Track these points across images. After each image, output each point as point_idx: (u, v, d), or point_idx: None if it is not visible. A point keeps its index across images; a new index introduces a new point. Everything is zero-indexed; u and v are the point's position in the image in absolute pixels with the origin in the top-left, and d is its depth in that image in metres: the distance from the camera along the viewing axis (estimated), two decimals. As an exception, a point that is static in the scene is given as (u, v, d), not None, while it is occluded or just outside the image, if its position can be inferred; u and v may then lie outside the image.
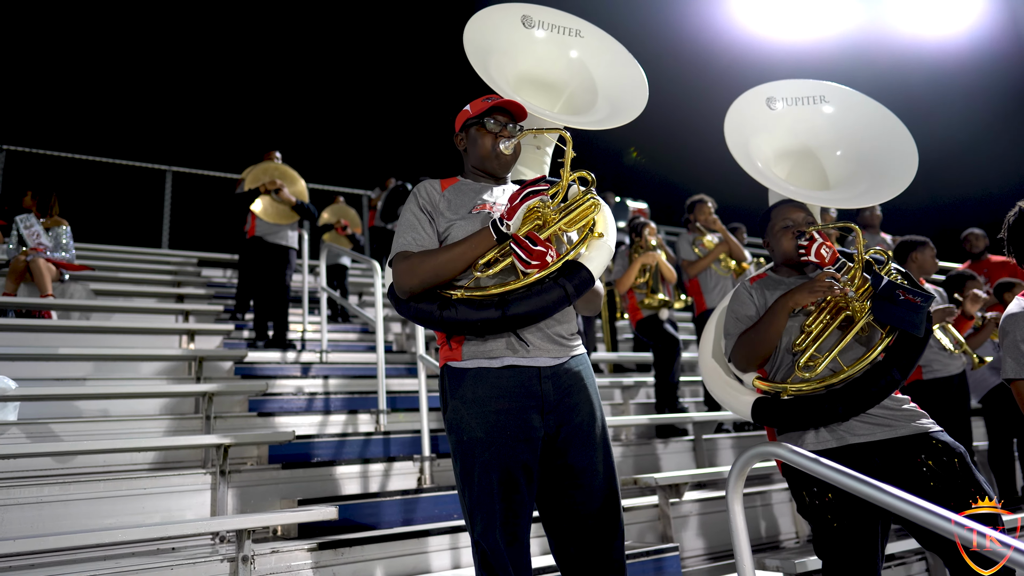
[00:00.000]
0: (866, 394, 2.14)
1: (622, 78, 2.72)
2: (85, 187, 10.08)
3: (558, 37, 2.73)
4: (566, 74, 2.74)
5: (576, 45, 2.75)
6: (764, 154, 2.73)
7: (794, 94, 2.84)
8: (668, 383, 5.26)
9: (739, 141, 2.68)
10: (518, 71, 2.68)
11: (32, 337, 4.72)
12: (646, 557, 3.14)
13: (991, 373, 4.70)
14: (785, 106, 2.81)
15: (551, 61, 2.72)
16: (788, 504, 4.13)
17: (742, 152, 2.64)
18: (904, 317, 2.15)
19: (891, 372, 2.15)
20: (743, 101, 2.79)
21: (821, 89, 2.84)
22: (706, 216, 5.73)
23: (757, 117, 2.78)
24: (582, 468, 1.94)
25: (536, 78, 2.73)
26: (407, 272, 1.93)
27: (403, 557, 3.00)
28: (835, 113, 2.79)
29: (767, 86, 2.84)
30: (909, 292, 2.15)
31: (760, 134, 2.76)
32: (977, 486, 2.00)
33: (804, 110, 2.81)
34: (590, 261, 1.96)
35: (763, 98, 2.82)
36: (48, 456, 3.48)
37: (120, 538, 2.50)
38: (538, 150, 2.80)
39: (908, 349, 2.19)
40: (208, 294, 7.38)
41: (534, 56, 2.70)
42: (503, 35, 2.65)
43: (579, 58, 2.74)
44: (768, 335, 2.25)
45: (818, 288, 2.18)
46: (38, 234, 5.90)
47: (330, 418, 4.41)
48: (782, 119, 2.80)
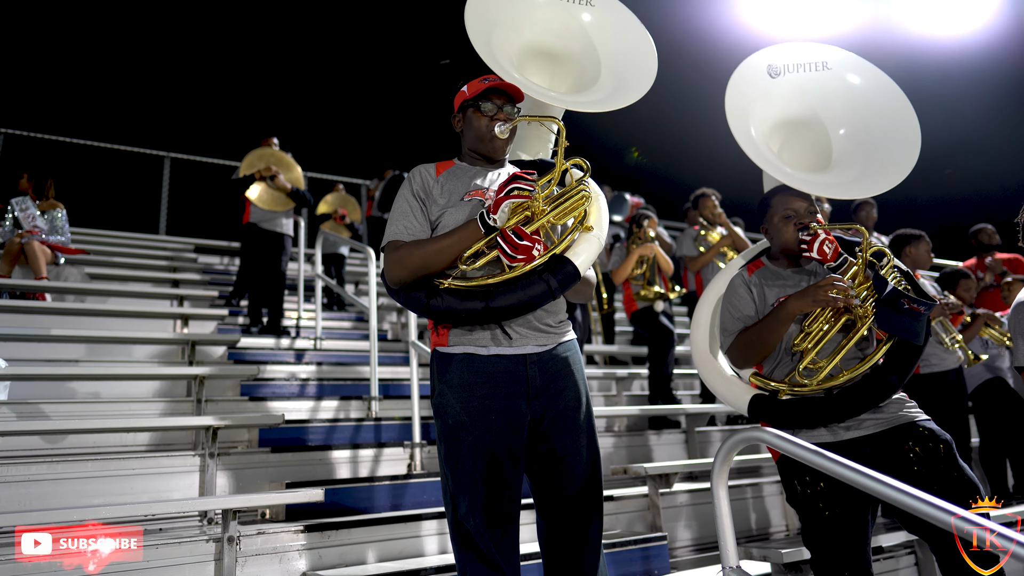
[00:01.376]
0: (863, 399, 2.14)
1: (631, 47, 2.62)
2: (83, 172, 10.06)
3: (566, 3, 2.65)
4: (573, 43, 2.64)
5: (586, 11, 2.65)
6: (763, 123, 2.61)
7: (802, 59, 2.69)
8: (662, 374, 5.26)
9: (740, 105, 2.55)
10: (523, 42, 2.59)
11: (25, 319, 4.70)
12: (634, 546, 3.14)
13: (982, 369, 4.68)
14: (790, 72, 2.67)
15: (558, 28, 2.61)
16: (779, 497, 4.13)
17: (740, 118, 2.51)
18: (907, 327, 2.14)
19: (889, 378, 2.15)
20: (746, 66, 2.66)
21: (829, 54, 2.69)
22: (711, 210, 5.72)
23: (760, 84, 2.65)
24: (566, 452, 1.95)
25: (541, 48, 2.65)
26: (396, 263, 1.95)
27: (391, 541, 2.99)
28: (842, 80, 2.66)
29: (770, 49, 2.70)
30: (913, 300, 2.12)
31: (762, 101, 2.63)
32: (960, 471, 2.01)
33: (811, 75, 2.67)
34: (577, 256, 1.94)
35: (766, 64, 2.68)
36: (38, 435, 3.48)
37: (106, 515, 2.49)
38: (540, 127, 2.74)
39: (906, 356, 2.19)
40: (204, 280, 7.36)
41: (540, 23, 2.60)
42: (506, 5, 2.59)
43: (588, 24, 2.63)
44: (769, 340, 2.23)
45: (823, 299, 2.14)
46: (33, 217, 5.88)
47: (322, 404, 4.40)
48: (787, 83, 2.67)
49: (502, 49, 2.48)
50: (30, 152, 9.48)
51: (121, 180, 10.72)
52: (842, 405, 2.14)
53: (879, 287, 2.16)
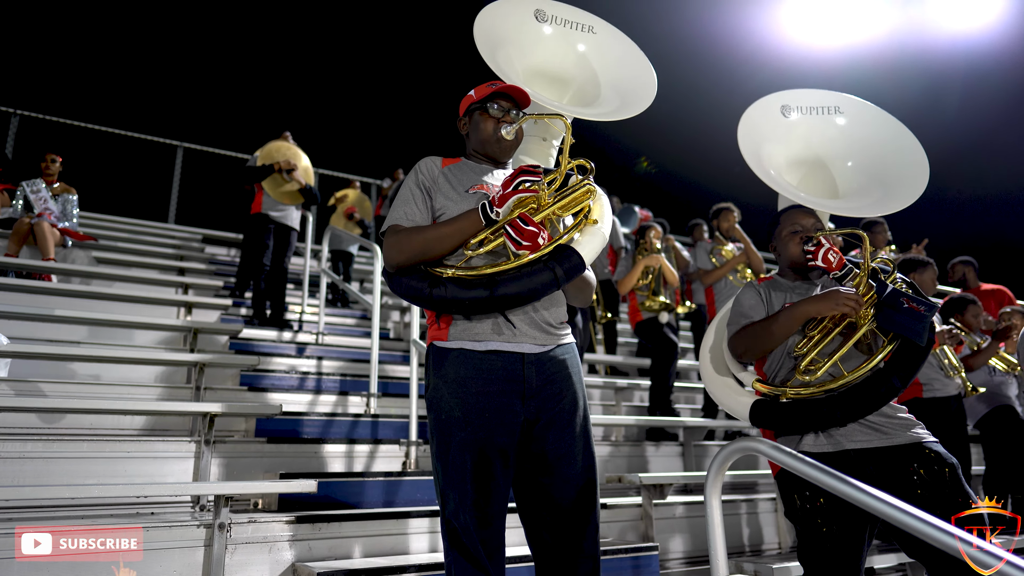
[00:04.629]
0: (866, 401, 2.13)
1: (631, 76, 2.71)
2: (97, 157, 10.12)
3: (570, 32, 2.72)
4: (575, 69, 2.73)
5: (586, 40, 2.74)
6: (776, 162, 2.73)
7: (809, 103, 2.83)
8: (662, 386, 5.24)
9: (752, 147, 2.67)
10: (527, 64, 2.67)
11: (30, 298, 4.72)
12: (625, 555, 3.12)
13: (988, 396, 4.66)
14: (800, 115, 2.81)
15: (561, 56, 2.72)
16: (773, 514, 4.10)
17: (754, 158, 2.63)
18: (907, 325, 2.15)
19: (891, 380, 2.14)
20: (757, 108, 2.79)
21: (836, 100, 2.83)
22: (730, 224, 5.72)
23: (771, 124, 2.78)
24: (560, 455, 1.93)
25: (545, 72, 2.73)
26: (395, 247, 1.95)
27: (382, 537, 2.98)
28: (849, 125, 2.78)
29: (782, 94, 2.83)
30: (913, 300, 2.15)
31: (772, 142, 2.76)
32: (965, 496, 1.99)
33: (818, 120, 2.81)
34: (582, 247, 1.94)
35: (778, 106, 2.82)
36: (36, 412, 3.49)
37: (99, 494, 2.49)
38: (544, 142, 2.78)
39: (909, 358, 2.18)
40: (209, 270, 7.39)
41: (545, 50, 2.69)
42: (514, 27, 2.64)
43: (588, 54, 2.73)
44: (776, 335, 2.24)
45: (843, 305, 2.15)
46: (45, 200, 5.92)
47: (320, 398, 4.40)
48: (796, 128, 2.80)
49: (508, 65, 2.54)
50: (45, 135, 9.56)
51: (134, 167, 10.79)
52: (844, 406, 2.13)
53: (880, 290, 2.20)
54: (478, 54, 2.51)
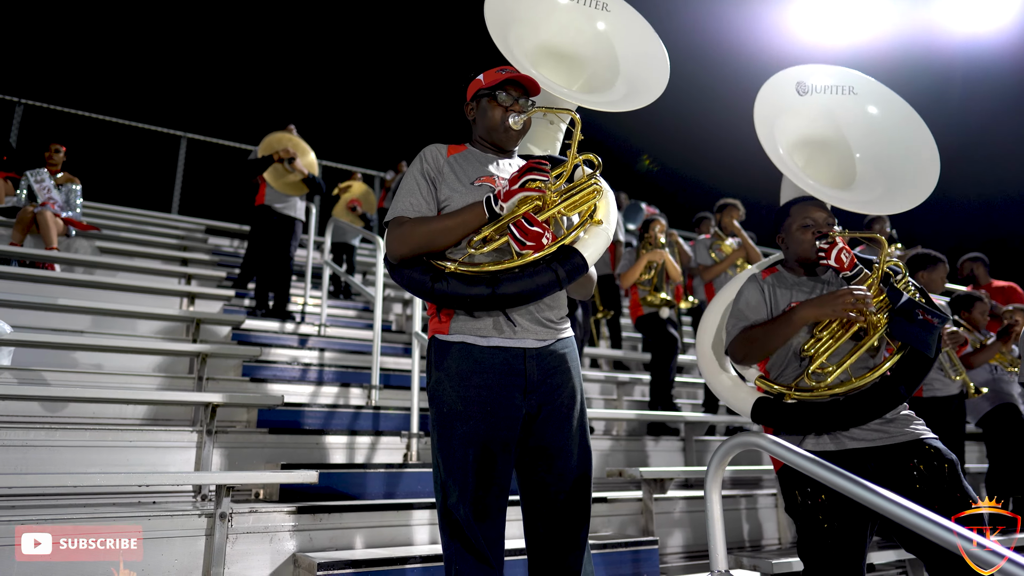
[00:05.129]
0: (871, 407, 2.12)
1: (645, 57, 2.63)
2: (100, 147, 10.12)
3: (583, 8, 2.66)
4: (588, 48, 2.65)
5: (602, 18, 2.67)
6: (788, 137, 2.64)
7: (837, 83, 2.74)
8: (663, 381, 5.24)
9: (767, 117, 2.58)
10: (539, 41, 2.60)
11: (33, 287, 4.73)
12: (624, 548, 3.12)
13: (991, 394, 4.65)
14: (818, 93, 2.71)
15: (574, 32, 2.63)
16: (773, 510, 4.11)
17: (767, 129, 2.54)
18: (920, 337, 2.13)
19: (898, 388, 2.14)
20: (777, 79, 2.70)
21: (856, 80, 2.74)
22: (735, 219, 5.71)
23: (788, 98, 2.69)
24: (558, 449, 1.94)
25: (556, 50, 2.65)
26: (399, 239, 1.93)
27: (383, 528, 2.99)
28: (866, 107, 2.71)
29: (803, 68, 2.74)
30: (927, 312, 2.13)
31: (788, 115, 2.65)
32: (963, 492, 1.98)
33: (847, 99, 2.72)
34: (586, 247, 1.93)
35: (796, 80, 2.72)
36: (38, 401, 3.50)
37: (101, 483, 2.49)
38: (551, 125, 2.74)
39: (916, 367, 2.17)
40: (212, 261, 7.39)
41: (557, 25, 2.61)
42: (526, 3, 2.60)
43: (603, 32, 2.65)
44: (775, 341, 2.21)
45: (842, 310, 2.12)
46: (48, 189, 5.92)
47: (322, 389, 4.41)
48: (818, 103, 2.71)
49: (519, 44, 2.49)
50: (49, 124, 9.55)
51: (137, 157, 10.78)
52: (848, 412, 2.12)
53: (894, 298, 2.17)
54: (483, 46, 2.48)
